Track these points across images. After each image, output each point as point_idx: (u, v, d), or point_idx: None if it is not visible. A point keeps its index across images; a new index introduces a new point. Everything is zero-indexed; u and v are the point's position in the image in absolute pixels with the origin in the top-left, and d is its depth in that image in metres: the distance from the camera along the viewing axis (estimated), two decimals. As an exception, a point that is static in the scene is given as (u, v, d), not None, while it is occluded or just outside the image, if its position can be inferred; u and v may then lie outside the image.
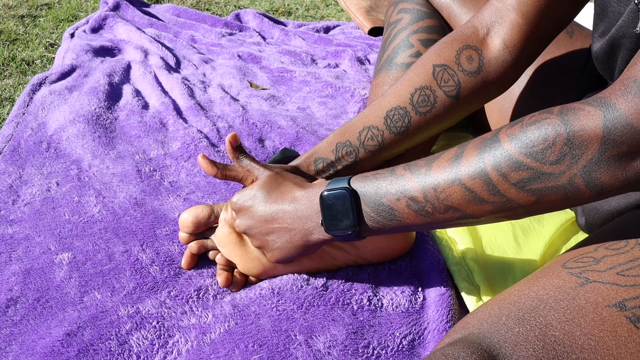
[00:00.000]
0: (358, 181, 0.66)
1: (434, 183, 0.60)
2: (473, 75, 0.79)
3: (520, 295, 0.53)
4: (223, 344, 0.66)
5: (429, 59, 0.80)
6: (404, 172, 0.63)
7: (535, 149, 0.54)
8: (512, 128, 0.56)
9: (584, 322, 0.49)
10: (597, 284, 0.52)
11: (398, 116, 0.79)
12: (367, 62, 1.62)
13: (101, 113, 1.15)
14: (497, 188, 0.56)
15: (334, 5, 2.33)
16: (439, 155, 0.61)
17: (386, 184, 0.63)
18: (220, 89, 1.33)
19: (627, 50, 0.67)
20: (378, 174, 0.65)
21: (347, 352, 0.66)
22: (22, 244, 0.80)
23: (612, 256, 0.55)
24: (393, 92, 0.80)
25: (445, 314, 0.71)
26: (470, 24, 0.81)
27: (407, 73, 0.81)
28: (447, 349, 0.47)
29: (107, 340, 0.66)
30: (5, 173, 0.96)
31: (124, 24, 1.67)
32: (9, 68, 1.47)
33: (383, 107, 0.79)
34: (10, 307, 0.70)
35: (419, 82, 0.79)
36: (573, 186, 0.54)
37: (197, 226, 0.77)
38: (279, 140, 1.13)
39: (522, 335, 0.48)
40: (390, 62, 0.97)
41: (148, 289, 0.74)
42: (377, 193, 0.64)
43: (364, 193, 0.65)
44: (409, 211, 0.62)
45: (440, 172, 0.60)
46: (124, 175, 0.97)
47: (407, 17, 0.98)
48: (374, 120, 0.79)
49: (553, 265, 0.58)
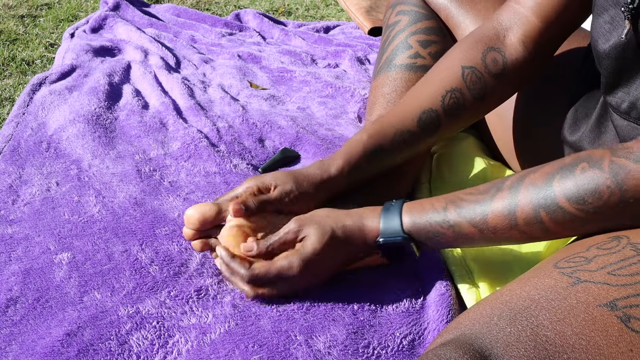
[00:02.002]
0: (411, 222, 0.69)
1: (492, 228, 0.65)
2: (497, 77, 0.80)
3: (512, 295, 0.53)
4: (223, 344, 0.66)
5: (456, 60, 0.79)
6: (457, 217, 0.66)
7: (590, 206, 0.59)
8: (564, 179, 0.60)
9: (575, 322, 0.49)
10: (588, 284, 0.52)
11: (430, 119, 0.79)
12: (367, 62, 1.62)
13: (101, 113, 1.15)
14: (551, 232, 0.62)
15: (334, 5, 2.33)
16: (490, 195, 0.65)
17: (442, 229, 0.68)
18: (220, 89, 1.33)
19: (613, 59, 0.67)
20: (429, 215, 0.69)
21: (347, 352, 0.66)
22: (22, 244, 0.80)
23: (603, 256, 0.55)
24: (423, 93, 0.79)
25: (445, 314, 0.71)
26: (490, 25, 0.81)
27: (434, 73, 0.81)
28: (439, 350, 0.48)
29: (107, 340, 0.65)
30: (5, 173, 0.96)
31: (124, 24, 1.67)
32: (9, 68, 1.47)
33: (415, 108, 0.79)
34: (10, 307, 0.69)
35: (449, 84, 0.79)
36: (619, 225, 0.59)
37: (202, 224, 0.75)
38: (279, 140, 1.13)
39: (514, 336, 0.48)
40: (390, 63, 0.97)
41: (148, 289, 0.74)
42: (435, 235, 0.68)
43: (422, 235, 0.69)
44: (465, 245, 0.69)
45: (497, 219, 0.64)
46: (123, 175, 0.97)
47: (405, 19, 0.98)
48: (409, 124, 0.79)
49: (545, 265, 0.58)
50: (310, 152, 1.10)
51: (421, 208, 0.69)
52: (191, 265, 0.78)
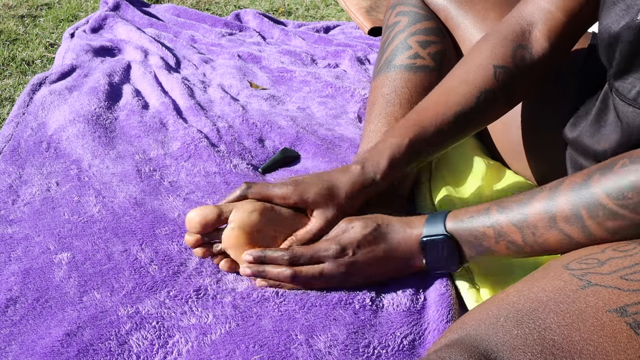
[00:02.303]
0: (454, 224, 0.69)
1: (532, 227, 0.63)
2: (524, 76, 0.79)
3: (520, 296, 0.52)
4: (224, 344, 0.66)
5: (487, 58, 0.78)
6: (499, 217, 0.65)
7: (630, 201, 0.57)
8: (604, 176, 0.59)
9: (584, 327, 0.48)
10: (598, 288, 0.51)
11: (465, 120, 0.78)
12: (367, 62, 1.62)
13: (101, 113, 1.15)
14: (593, 235, 0.59)
15: (334, 5, 2.33)
16: (530, 196, 0.64)
17: (484, 229, 0.67)
18: (220, 89, 1.33)
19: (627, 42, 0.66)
20: (473, 217, 0.68)
21: (348, 352, 0.66)
22: (22, 244, 0.80)
23: (617, 259, 0.54)
24: (457, 93, 0.78)
25: (446, 314, 0.71)
26: (514, 20, 0.80)
27: (466, 71, 0.79)
28: (443, 352, 0.47)
29: (107, 341, 0.65)
30: (5, 173, 0.96)
31: (124, 24, 1.67)
32: (9, 68, 1.47)
33: (451, 109, 0.77)
34: (10, 307, 0.69)
35: (483, 84, 0.78)
36: None
37: (204, 227, 0.74)
38: (279, 140, 1.13)
39: (521, 339, 0.47)
40: (389, 64, 0.97)
41: (147, 289, 0.73)
42: (477, 237, 0.67)
43: (463, 238, 0.68)
44: (507, 251, 0.66)
45: (537, 218, 0.62)
46: (123, 175, 0.97)
47: (404, 20, 0.98)
48: (447, 126, 0.77)
49: (555, 265, 0.57)
50: (310, 152, 1.10)
51: (465, 211, 0.69)
52: (190, 265, 0.78)
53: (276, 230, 0.75)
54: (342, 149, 1.12)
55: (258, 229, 0.74)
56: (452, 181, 0.96)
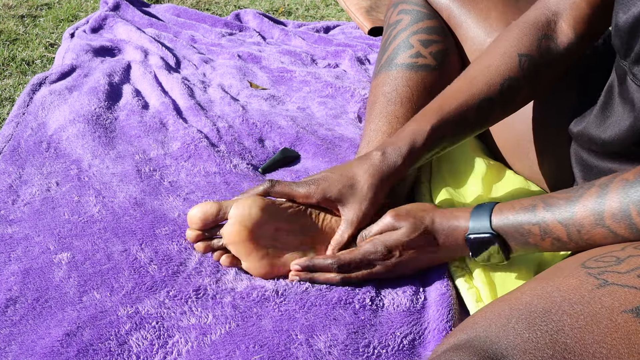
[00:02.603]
0: (500, 221, 0.68)
1: (578, 225, 0.62)
2: (550, 66, 0.78)
3: (533, 295, 0.51)
4: (224, 344, 0.66)
5: (512, 47, 0.78)
6: (545, 214, 0.65)
7: None
8: None
9: (597, 329, 0.47)
10: (615, 287, 0.50)
11: (488, 108, 0.78)
12: (367, 62, 1.62)
13: (101, 113, 1.15)
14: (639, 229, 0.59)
15: (334, 5, 2.33)
16: (579, 194, 0.63)
17: (529, 226, 0.66)
18: (220, 89, 1.32)
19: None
20: (519, 214, 0.67)
21: (348, 352, 0.66)
22: (22, 244, 0.80)
23: (637, 257, 0.53)
24: (480, 80, 0.77)
25: (446, 313, 0.71)
26: (540, 11, 0.79)
27: (490, 59, 0.79)
28: (452, 355, 0.46)
29: (107, 341, 0.65)
30: (5, 173, 0.96)
31: (124, 24, 1.67)
32: (9, 68, 1.47)
33: (474, 96, 0.77)
34: (10, 307, 0.69)
35: (507, 72, 0.77)
36: None
37: (205, 223, 0.75)
38: (279, 140, 1.13)
39: (532, 342, 0.46)
40: (390, 62, 0.96)
41: (147, 289, 0.73)
42: (522, 235, 0.67)
43: (509, 234, 0.68)
44: (552, 247, 0.66)
45: (584, 215, 0.62)
46: (123, 175, 0.97)
47: (407, 18, 0.98)
48: (470, 114, 0.77)
49: (571, 262, 0.56)
50: (310, 152, 1.10)
51: (510, 206, 0.69)
52: (190, 265, 0.78)
53: (277, 226, 0.75)
54: (342, 149, 1.12)
55: (259, 225, 0.74)
56: (452, 181, 0.96)
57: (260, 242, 0.74)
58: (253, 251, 0.74)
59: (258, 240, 0.74)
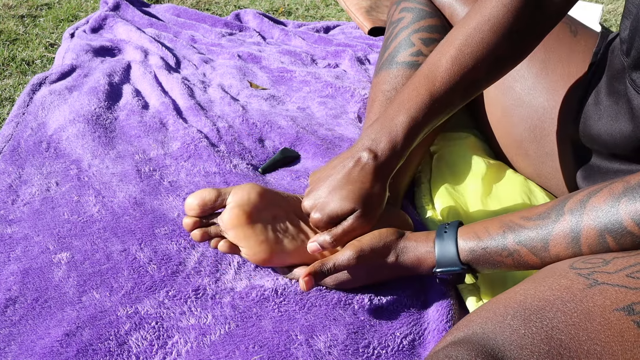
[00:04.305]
0: (468, 254, 0.67)
1: (553, 256, 0.61)
2: (538, 37, 0.75)
3: (527, 294, 0.52)
4: (223, 345, 0.66)
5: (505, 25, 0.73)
6: (517, 247, 0.64)
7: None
8: (632, 201, 0.56)
9: (591, 326, 0.47)
10: (605, 286, 0.50)
11: (473, 86, 0.75)
12: (367, 62, 1.61)
13: (101, 113, 1.15)
14: (611, 250, 0.58)
15: (334, 5, 2.33)
16: (553, 222, 0.61)
17: (500, 257, 0.66)
18: (220, 89, 1.32)
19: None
20: (487, 244, 0.66)
21: (348, 352, 0.66)
22: (21, 244, 0.80)
23: (622, 258, 0.54)
24: (468, 64, 0.73)
25: (446, 314, 0.71)
26: None
27: (478, 34, 0.73)
28: (450, 350, 0.46)
29: (106, 341, 0.65)
30: (5, 173, 0.96)
31: (124, 24, 1.67)
32: (9, 68, 1.47)
33: (463, 78, 0.73)
34: (9, 307, 0.69)
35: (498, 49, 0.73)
36: None
37: (203, 209, 0.73)
38: (279, 140, 1.13)
39: (528, 338, 0.47)
40: (391, 60, 0.96)
41: (146, 289, 0.73)
42: (492, 264, 0.66)
43: (476, 263, 0.67)
44: (521, 268, 0.65)
45: (559, 247, 0.61)
46: (123, 175, 0.97)
47: (409, 16, 0.98)
48: (456, 98, 0.74)
49: (560, 265, 0.57)
50: (310, 152, 1.09)
51: (476, 235, 0.67)
52: (189, 264, 0.78)
53: (275, 212, 0.75)
54: (342, 149, 1.12)
55: (257, 209, 0.73)
56: (452, 181, 0.96)
57: (259, 227, 0.73)
58: (252, 235, 0.72)
59: (257, 224, 0.73)
